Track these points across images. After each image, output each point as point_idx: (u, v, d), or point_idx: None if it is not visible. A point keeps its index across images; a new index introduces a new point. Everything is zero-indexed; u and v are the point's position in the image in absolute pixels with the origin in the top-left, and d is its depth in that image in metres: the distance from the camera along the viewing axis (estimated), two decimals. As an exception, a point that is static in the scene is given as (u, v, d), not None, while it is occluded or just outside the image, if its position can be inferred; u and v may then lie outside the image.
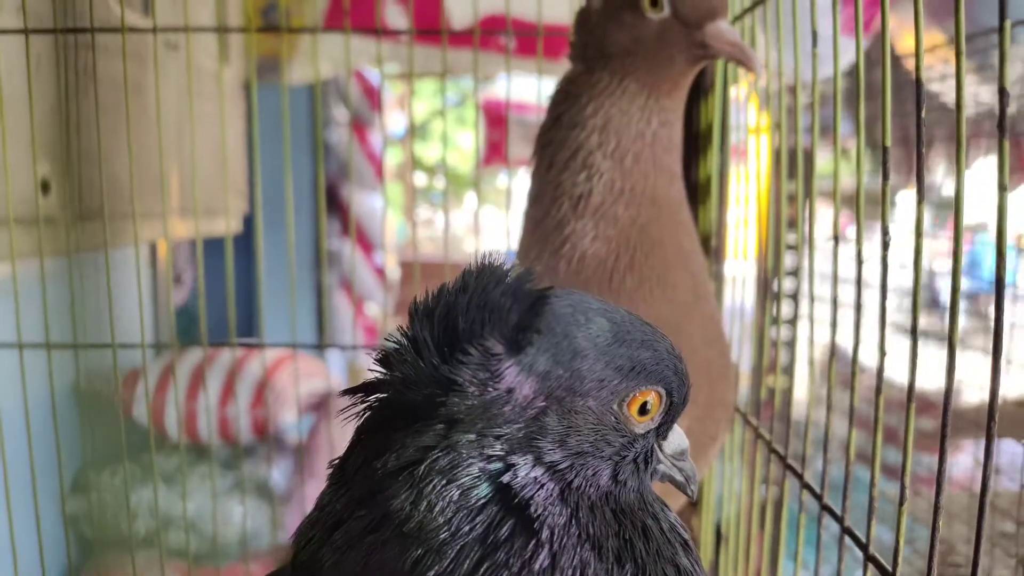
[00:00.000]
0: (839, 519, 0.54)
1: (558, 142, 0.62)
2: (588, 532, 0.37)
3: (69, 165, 0.86)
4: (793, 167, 1.70)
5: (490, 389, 0.36)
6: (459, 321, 0.36)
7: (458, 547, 0.35)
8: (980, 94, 1.21)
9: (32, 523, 0.90)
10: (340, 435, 1.74)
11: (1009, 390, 1.29)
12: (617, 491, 0.38)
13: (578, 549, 0.36)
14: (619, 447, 0.38)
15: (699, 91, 0.84)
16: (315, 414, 2.15)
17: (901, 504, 0.46)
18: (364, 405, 0.39)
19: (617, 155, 0.61)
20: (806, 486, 0.59)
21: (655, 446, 0.40)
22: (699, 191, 0.82)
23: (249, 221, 2.03)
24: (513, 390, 0.36)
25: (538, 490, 0.36)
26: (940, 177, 1.63)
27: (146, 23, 1.44)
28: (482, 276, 0.38)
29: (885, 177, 0.47)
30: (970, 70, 1.22)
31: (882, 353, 0.51)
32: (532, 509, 0.36)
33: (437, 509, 0.35)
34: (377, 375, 0.38)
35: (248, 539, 1.59)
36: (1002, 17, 0.36)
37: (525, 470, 0.36)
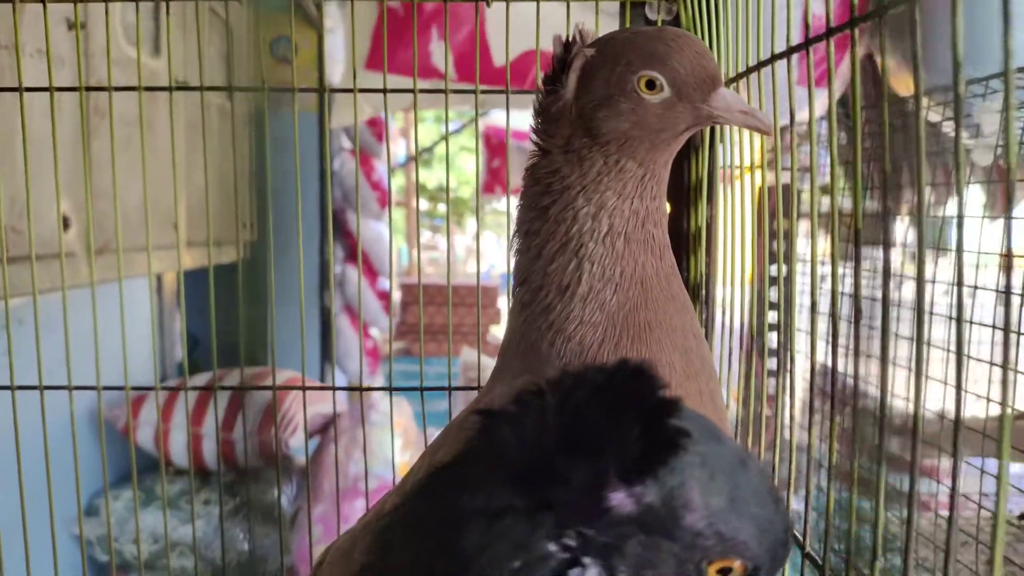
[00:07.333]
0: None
1: (545, 234, 0.60)
2: None
3: (86, 202, 0.90)
4: (783, 204, 1.74)
5: (591, 498, 0.37)
6: (588, 423, 0.37)
7: None
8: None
9: (48, 546, 0.93)
10: (344, 458, 1.76)
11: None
12: None
13: None
14: None
15: (690, 146, 0.86)
16: (320, 437, 2.19)
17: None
18: (477, 423, 0.39)
19: (609, 239, 0.59)
20: (807, 556, 0.59)
21: None
22: (690, 241, 0.85)
23: (254, 248, 2.07)
24: (612, 508, 0.37)
25: None
26: (930, 205, 1.67)
27: (157, 64, 1.50)
28: (629, 384, 0.38)
29: (859, 315, 0.49)
30: (951, 117, 1.26)
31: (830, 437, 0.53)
32: None
33: (497, 567, 0.36)
34: (505, 413, 0.38)
35: (255, 563, 1.62)
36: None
37: (593, 573, 0.37)
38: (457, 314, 4.25)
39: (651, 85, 0.59)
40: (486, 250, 7.00)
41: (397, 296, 4.72)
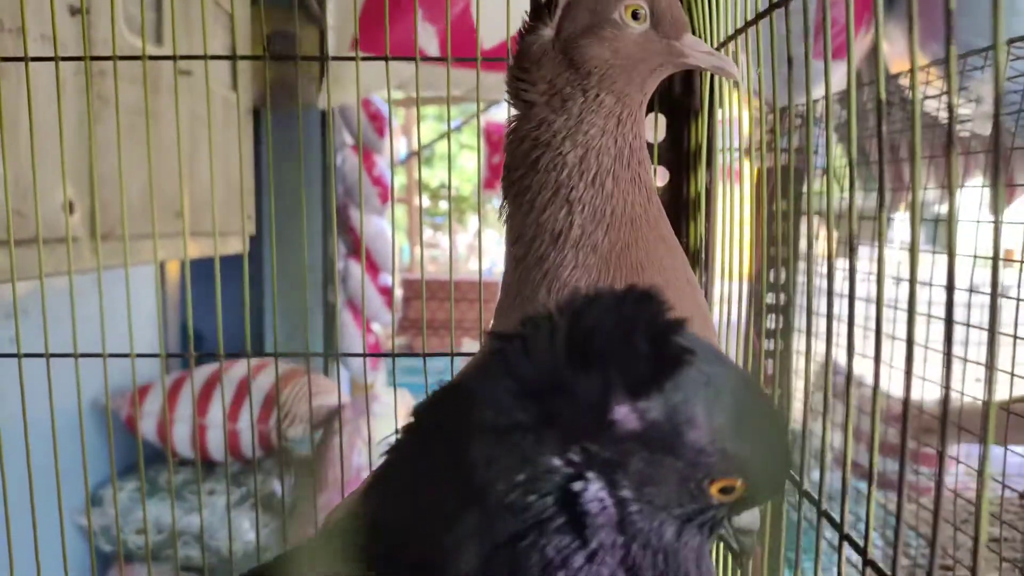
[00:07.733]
0: (838, 525, 0.54)
1: (537, 185, 0.61)
2: (632, 562, 0.38)
3: (91, 187, 0.91)
4: (783, 186, 1.73)
5: (595, 413, 0.37)
6: (596, 340, 0.37)
7: (508, 519, 0.36)
8: (962, 114, 1.24)
9: (54, 537, 0.93)
10: (348, 449, 1.77)
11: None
12: (676, 546, 0.39)
13: (617, 571, 0.37)
14: (690, 511, 0.39)
15: (690, 112, 0.88)
16: (323, 429, 2.19)
17: (898, 521, 0.47)
18: (488, 344, 0.39)
19: (598, 180, 0.61)
20: (805, 494, 0.60)
21: (724, 518, 0.41)
22: (690, 207, 0.86)
23: (254, 242, 2.08)
24: (617, 423, 0.37)
25: (601, 510, 0.37)
26: (930, 195, 1.67)
27: (160, 51, 1.50)
28: (637, 305, 0.38)
29: (854, 293, 0.50)
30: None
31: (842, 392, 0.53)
32: (588, 522, 0.37)
33: (503, 479, 0.36)
34: (516, 333, 0.38)
35: (260, 552, 1.63)
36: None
37: (596, 487, 0.37)
38: (459, 309, 4.26)
39: (636, 15, 0.62)
40: (488, 247, 7.00)
41: (399, 292, 4.73)
